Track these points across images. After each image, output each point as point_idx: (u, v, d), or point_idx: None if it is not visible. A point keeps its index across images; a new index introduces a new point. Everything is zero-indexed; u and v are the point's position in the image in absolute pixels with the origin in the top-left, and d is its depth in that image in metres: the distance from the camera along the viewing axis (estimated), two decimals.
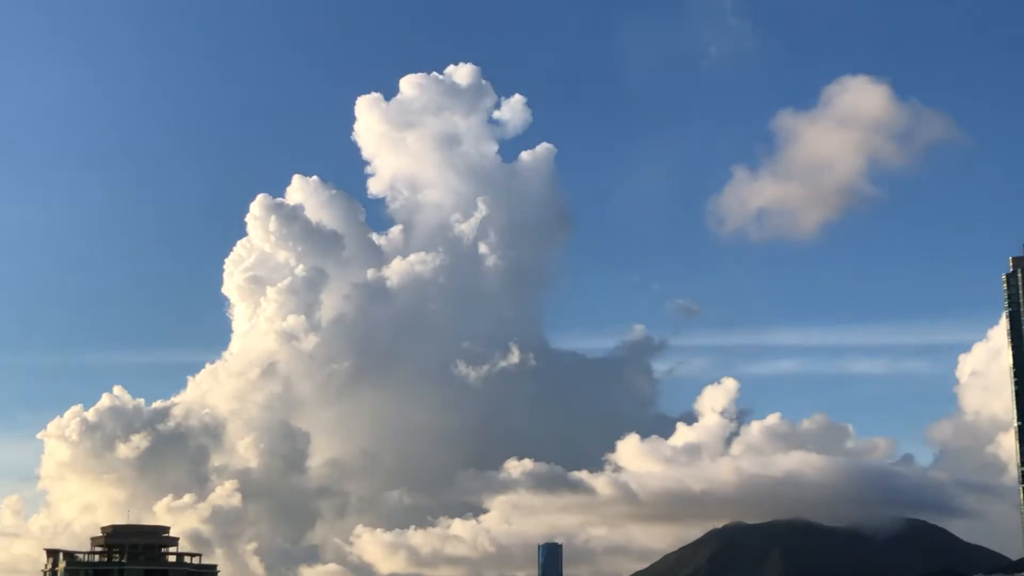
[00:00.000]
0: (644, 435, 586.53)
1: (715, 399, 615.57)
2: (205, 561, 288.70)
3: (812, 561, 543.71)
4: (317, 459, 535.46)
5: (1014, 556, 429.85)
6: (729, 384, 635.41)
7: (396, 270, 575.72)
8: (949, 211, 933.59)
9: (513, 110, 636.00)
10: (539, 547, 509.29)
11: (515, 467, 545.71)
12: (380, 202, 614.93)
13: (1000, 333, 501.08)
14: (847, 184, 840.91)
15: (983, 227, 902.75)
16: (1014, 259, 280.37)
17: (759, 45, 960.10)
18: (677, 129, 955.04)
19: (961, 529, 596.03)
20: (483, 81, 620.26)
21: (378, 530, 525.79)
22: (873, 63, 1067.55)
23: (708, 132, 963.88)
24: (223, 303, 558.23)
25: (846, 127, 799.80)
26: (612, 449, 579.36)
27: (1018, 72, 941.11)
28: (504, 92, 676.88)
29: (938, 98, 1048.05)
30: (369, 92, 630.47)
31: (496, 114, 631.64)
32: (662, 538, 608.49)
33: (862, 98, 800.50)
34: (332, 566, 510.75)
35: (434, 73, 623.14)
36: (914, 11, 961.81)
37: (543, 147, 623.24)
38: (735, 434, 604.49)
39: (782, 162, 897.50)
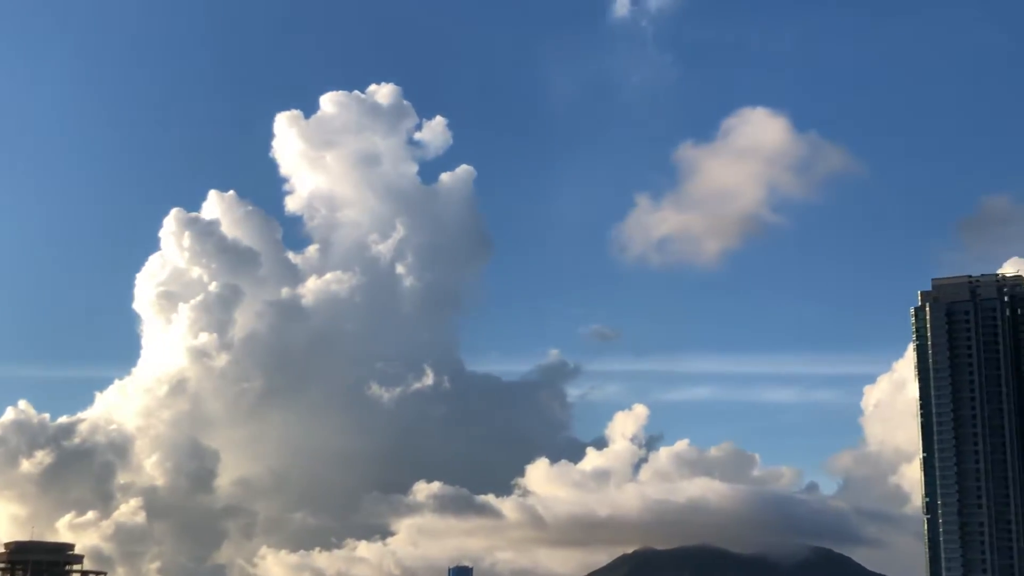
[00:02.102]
0: (554, 459, 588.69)
1: (625, 425, 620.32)
2: None
3: None
4: (225, 478, 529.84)
5: None
6: (640, 410, 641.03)
7: (311, 289, 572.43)
8: (854, 243, 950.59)
9: (434, 132, 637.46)
10: (449, 570, 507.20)
11: (423, 490, 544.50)
12: (297, 220, 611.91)
13: (905, 365, 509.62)
14: (748, 214, 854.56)
15: (892, 260, 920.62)
16: (923, 293, 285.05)
17: (680, 76, 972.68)
18: (595, 156, 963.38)
19: (865, 558, 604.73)
20: (404, 102, 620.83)
21: (283, 551, 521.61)
22: (772, 96, 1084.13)
23: (622, 159, 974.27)
24: (134, 318, 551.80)
25: (746, 158, 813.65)
26: (522, 473, 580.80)
27: (912, 106, 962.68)
28: (425, 114, 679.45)
29: (835, 131, 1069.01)
30: (289, 109, 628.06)
31: (417, 135, 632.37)
32: (570, 563, 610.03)
33: (761, 130, 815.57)
34: None
35: (355, 92, 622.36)
36: (812, 45, 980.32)
37: (463, 169, 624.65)
38: (644, 460, 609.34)
39: (685, 191, 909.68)
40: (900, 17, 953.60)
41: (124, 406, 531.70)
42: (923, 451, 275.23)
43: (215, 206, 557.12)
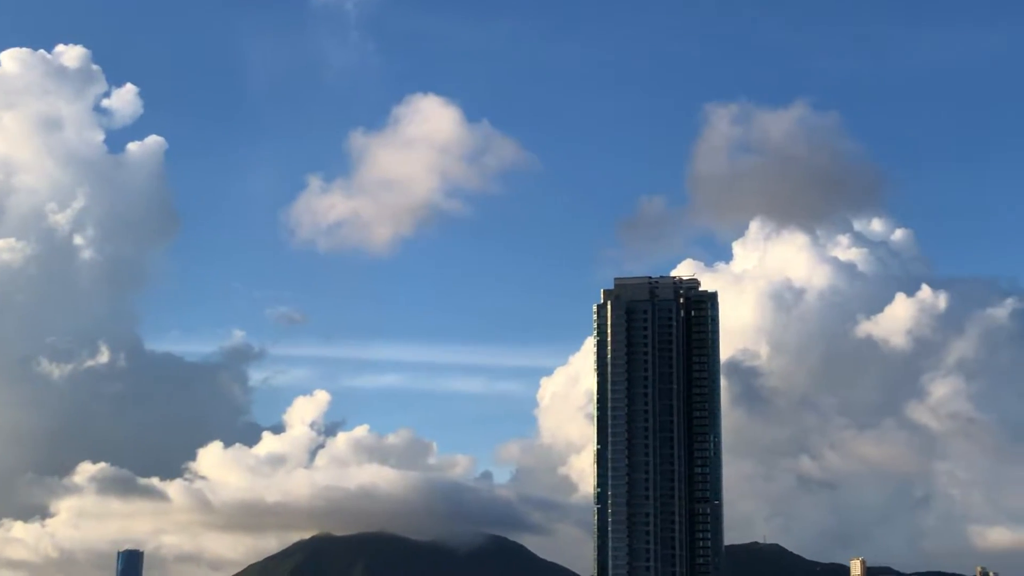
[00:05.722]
0: (230, 443, 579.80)
1: (306, 410, 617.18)
2: None
3: (395, 574, 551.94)
4: None
5: (585, 573, 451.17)
6: (321, 396, 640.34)
7: None
8: (531, 235, 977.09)
9: (123, 99, 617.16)
10: (118, 553, 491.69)
11: (89, 470, 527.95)
12: None
13: (581, 359, 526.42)
14: (420, 202, 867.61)
15: (567, 254, 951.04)
16: (605, 291, 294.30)
17: (376, 62, 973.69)
18: (283, 137, 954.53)
19: (536, 545, 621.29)
20: (93, 66, 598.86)
21: None
22: (445, 84, 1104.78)
23: (305, 142, 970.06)
24: None
25: (418, 146, 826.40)
26: (193, 457, 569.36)
27: (583, 104, 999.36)
28: (115, 80, 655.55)
29: (507, 122, 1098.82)
30: None
31: (105, 102, 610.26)
32: (239, 548, 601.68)
33: (433, 118, 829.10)
34: None
35: (40, 51, 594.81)
36: (509, 39, 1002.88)
37: (153, 140, 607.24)
38: (321, 446, 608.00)
39: (357, 176, 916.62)
40: (598, 20, 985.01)
41: None
42: (597, 443, 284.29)
43: None
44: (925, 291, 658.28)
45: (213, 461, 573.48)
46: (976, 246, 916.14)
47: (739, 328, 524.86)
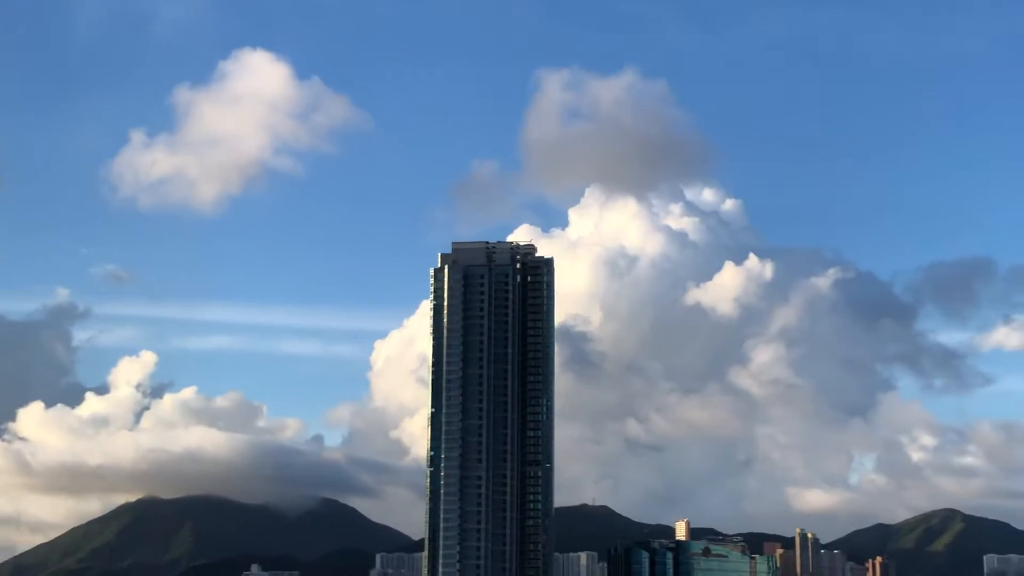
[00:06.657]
0: (52, 404, 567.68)
1: (131, 371, 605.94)
2: None
3: (225, 537, 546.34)
4: None
5: (416, 536, 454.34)
6: (148, 357, 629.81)
7: None
8: (365, 196, 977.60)
9: None
10: None
11: None
12: None
13: (416, 323, 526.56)
14: (249, 159, 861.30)
15: (401, 216, 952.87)
16: (442, 255, 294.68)
17: (210, 17, 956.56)
18: (109, 90, 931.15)
19: (367, 508, 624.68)
20: None
21: None
22: (274, 39, 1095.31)
23: (130, 97, 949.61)
24: None
25: (246, 102, 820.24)
26: (13, 417, 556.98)
27: (417, 63, 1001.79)
28: None
29: (338, 80, 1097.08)
30: None
31: None
32: (60, 511, 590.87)
33: (262, 74, 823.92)
34: None
35: None
36: None
37: None
38: (147, 408, 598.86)
39: (182, 133, 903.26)
40: None
41: None
42: (432, 407, 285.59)
43: None
44: (752, 260, 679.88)
45: (34, 422, 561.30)
46: (802, 217, 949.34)
47: (572, 294, 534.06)
